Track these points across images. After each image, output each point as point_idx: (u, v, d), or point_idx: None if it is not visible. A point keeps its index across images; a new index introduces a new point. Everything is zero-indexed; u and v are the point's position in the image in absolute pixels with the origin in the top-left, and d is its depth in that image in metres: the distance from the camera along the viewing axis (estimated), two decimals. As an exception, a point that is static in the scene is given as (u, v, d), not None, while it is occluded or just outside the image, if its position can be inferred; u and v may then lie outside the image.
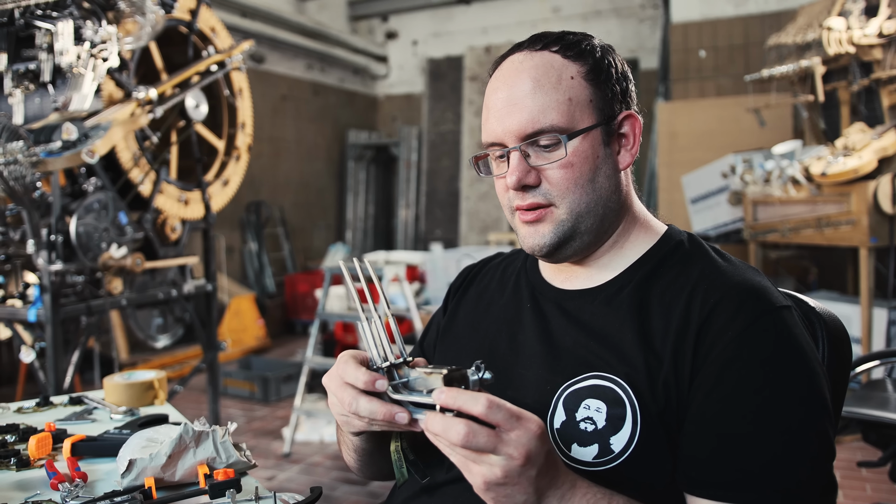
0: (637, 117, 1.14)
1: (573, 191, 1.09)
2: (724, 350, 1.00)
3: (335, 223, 10.22)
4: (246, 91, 4.28)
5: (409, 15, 10.52)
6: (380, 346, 0.96)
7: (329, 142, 9.99)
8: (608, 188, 1.12)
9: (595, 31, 9.44)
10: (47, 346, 3.01)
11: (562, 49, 1.10)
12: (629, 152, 1.14)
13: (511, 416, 0.85)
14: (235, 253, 8.36)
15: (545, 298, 1.20)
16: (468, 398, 0.85)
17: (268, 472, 4.10)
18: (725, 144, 5.89)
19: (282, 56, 9.01)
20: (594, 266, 1.17)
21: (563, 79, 1.08)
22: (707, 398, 0.99)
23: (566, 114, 1.07)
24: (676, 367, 1.02)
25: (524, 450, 0.85)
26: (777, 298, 1.04)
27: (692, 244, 1.16)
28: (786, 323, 1.01)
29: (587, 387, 1.06)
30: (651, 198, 7.13)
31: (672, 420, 1.01)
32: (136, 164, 3.43)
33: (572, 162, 1.08)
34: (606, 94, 1.11)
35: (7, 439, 1.44)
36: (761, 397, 0.97)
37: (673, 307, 1.06)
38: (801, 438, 0.96)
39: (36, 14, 3.07)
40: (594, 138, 1.09)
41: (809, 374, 0.99)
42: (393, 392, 0.94)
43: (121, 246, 3.16)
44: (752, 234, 4.99)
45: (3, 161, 2.75)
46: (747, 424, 0.97)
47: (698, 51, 6.96)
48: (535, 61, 1.10)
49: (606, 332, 1.09)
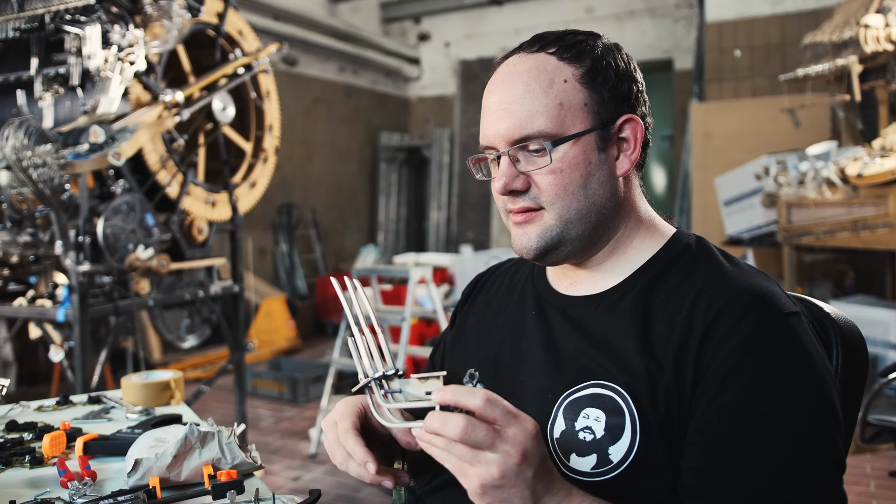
0: (638, 121, 1.10)
1: (562, 197, 1.06)
2: (727, 358, 0.96)
3: (367, 225, 10.26)
4: (273, 93, 4.30)
5: (441, 17, 10.52)
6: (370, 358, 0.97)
7: (361, 144, 10.03)
8: (602, 195, 1.08)
9: (629, 31, 9.41)
10: (75, 345, 3.06)
11: (559, 50, 1.08)
12: (628, 158, 1.10)
13: (507, 414, 0.85)
14: (267, 254, 8.42)
15: (550, 305, 1.18)
16: (466, 392, 0.84)
17: (294, 472, 4.12)
18: (760, 145, 5.79)
19: (314, 59, 9.06)
20: (597, 271, 1.15)
21: (556, 82, 1.06)
22: (710, 408, 0.96)
23: (555, 119, 1.05)
24: (678, 376, 0.99)
25: (521, 447, 0.84)
26: (785, 304, 1.00)
27: (700, 248, 1.12)
28: (793, 329, 0.98)
29: (587, 395, 1.03)
30: (684, 199, 7.05)
31: (673, 430, 0.98)
32: (164, 167, 3.47)
33: (561, 168, 1.05)
34: (604, 96, 1.07)
35: (24, 437, 1.46)
36: (766, 407, 0.94)
37: (676, 313, 1.03)
38: (808, 450, 0.92)
39: (65, 19, 3.12)
40: (586, 144, 1.06)
41: (818, 383, 0.95)
42: (386, 402, 0.93)
43: (147, 247, 3.20)
44: (786, 237, 4.89)
45: (32, 164, 2.80)
46: (751, 435, 0.93)
47: (733, 50, 6.86)
48: (528, 64, 1.08)
49: (608, 339, 1.06)
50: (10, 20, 3.25)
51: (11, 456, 1.35)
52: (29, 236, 3.10)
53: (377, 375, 0.95)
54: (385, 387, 0.95)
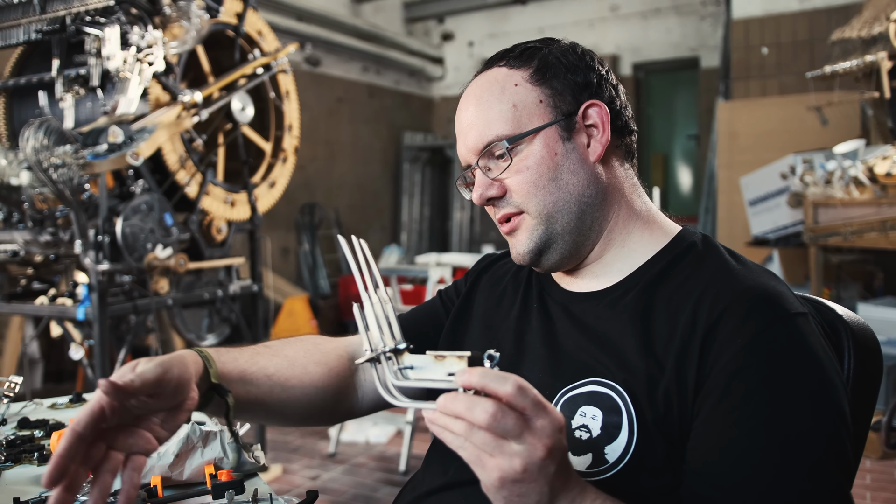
0: (602, 105, 1.11)
1: (535, 194, 1.08)
2: (731, 359, 0.94)
3: (390, 225, 10.28)
4: (293, 93, 4.31)
5: (464, 16, 10.51)
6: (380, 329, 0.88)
7: (384, 144, 10.04)
8: (577, 183, 1.09)
9: (654, 29, 9.35)
10: (95, 343, 3.08)
11: (508, 61, 1.12)
12: (599, 142, 1.11)
13: (538, 404, 0.79)
14: (290, 254, 8.46)
15: (552, 299, 1.17)
16: (495, 377, 0.77)
17: (312, 471, 4.13)
18: (788, 144, 5.72)
19: (337, 59, 9.09)
20: (597, 267, 1.14)
21: (507, 88, 1.10)
22: (713, 410, 0.94)
23: (511, 121, 1.08)
24: (679, 376, 0.96)
25: (549, 440, 0.78)
26: (791, 305, 0.98)
27: (706, 246, 1.10)
28: (800, 331, 0.95)
29: (584, 393, 1.02)
30: (710, 199, 6.98)
31: (673, 430, 0.96)
32: (183, 167, 3.49)
33: (527, 165, 1.08)
34: (558, 88, 1.10)
35: (35, 434, 1.47)
36: (770, 410, 0.91)
37: (679, 312, 1.00)
38: (812, 454, 0.89)
39: (85, 20, 3.15)
40: (548, 136, 1.08)
41: (825, 386, 0.93)
42: (397, 378, 0.86)
43: (166, 246, 3.22)
44: (813, 238, 4.82)
45: (52, 164, 2.83)
46: (755, 439, 0.91)
47: (760, 48, 6.77)
48: (482, 80, 1.13)
49: (608, 336, 1.05)
50: (32, 22, 3.30)
51: (20, 453, 1.36)
52: (50, 236, 3.14)
53: (387, 349, 0.87)
54: (396, 362, 0.87)
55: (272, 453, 4.34)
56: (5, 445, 1.37)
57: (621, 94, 1.15)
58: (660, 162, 10.24)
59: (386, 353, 0.87)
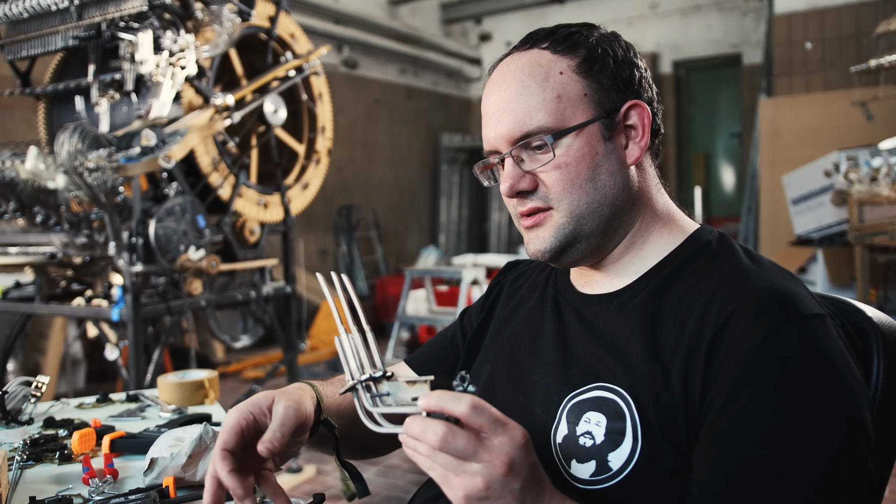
0: (644, 106, 1.05)
1: (570, 192, 1.02)
2: (737, 364, 0.89)
3: (428, 226, 10.28)
4: (326, 95, 4.33)
5: (502, 16, 10.48)
6: (357, 360, 0.93)
7: (422, 145, 10.06)
8: (613, 185, 1.04)
9: (695, 26, 9.22)
10: (129, 344, 3.13)
11: (552, 44, 1.05)
12: (637, 145, 1.05)
13: (495, 422, 0.79)
14: (329, 256, 8.51)
15: (566, 302, 1.13)
16: (451, 398, 0.79)
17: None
18: (833, 141, 5.57)
19: (375, 61, 9.13)
20: (612, 269, 1.10)
21: (552, 75, 1.02)
22: (719, 418, 0.89)
23: (555, 112, 1.01)
24: (686, 381, 0.92)
25: (507, 458, 0.78)
26: (807, 306, 0.92)
27: (721, 245, 1.05)
28: (815, 333, 0.89)
29: (590, 399, 0.98)
30: (752, 198, 6.86)
31: (680, 438, 0.92)
32: (216, 169, 3.53)
33: (566, 162, 1.02)
34: (604, 84, 1.03)
35: (59, 433, 1.48)
36: (778, 418, 0.86)
37: (688, 314, 0.96)
38: (822, 465, 0.84)
39: (120, 26, 3.20)
40: (591, 134, 1.02)
41: (840, 393, 0.87)
42: (372, 405, 0.89)
43: (199, 248, 3.25)
44: (858, 237, 4.70)
45: (86, 168, 2.88)
46: (762, 447, 0.86)
47: (804, 43, 6.62)
48: (522, 62, 1.05)
49: (616, 339, 1.01)
50: (69, 28, 3.36)
51: (42, 452, 1.37)
52: (85, 238, 3.19)
53: (364, 378, 0.90)
54: (373, 389, 0.90)
55: (306, 454, 4.36)
56: (28, 444, 1.38)
57: (655, 93, 1.10)
58: (701, 161, 10.10)
59: (363, 382, 0.90)
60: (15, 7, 3.44)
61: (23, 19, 3.51)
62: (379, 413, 0.88)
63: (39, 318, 4.76)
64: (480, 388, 1.14)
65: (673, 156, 9.63)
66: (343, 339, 0.94)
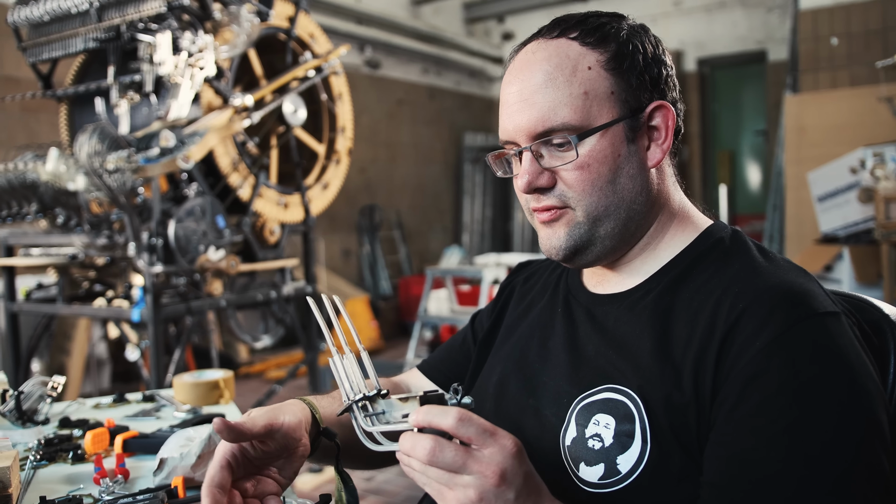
0: (669, 107, 1.01)
1: (590, 193, 0.99)
2: (749, 363, 0.86)
3: (452, 226, 10.27)
4: (346, 95, 4.33)
5: (525, 15, 10.44)
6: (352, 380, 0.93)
7: (445, 145, 10.05)
8: (632, 189, 1.00)
9: (719, 23, 9.13)
10: (150, 344, 3.14)
11: (581, 35, 1.00)
12: (660, 147, 1.02)
13: (483, 433, 0.78)
14: (352, 256, 8.53)
15: (577, 303, 1.11)
16: (438, 412, 0.79)
17: (366, 473, 4.13)
18: (859, 138, 5.47)
19: (397, 61, 9.13)
20: (626, 269, 1.07)
21: (580, 70, 0.98)
22: (729, 419, 0.87)
23: (580, 110, 0.97)
24: (697, 381, 0.90)
25: (498, 468, 0.78)
26: (820, 304, 0.89)
27: (734, 242, 1.02)
28: (828, 331, 0.87)
29: (599, 400, 0.96)
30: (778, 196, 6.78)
31: (690, 440, 0.89)
32: (236, 169, 3.53)
33: (588, 162, 0.97)
34: (632, 83, 0.99)
35: (73, 433, 1.48)
36: (790, 418, 0.83)
37: (699, 313, 0.93)
38: (837, 467, 0.81)
39: (139, 28, 3.22)
40: (615, 135, 0.98)
41: (855, 392, 0.84)
42: (368, 424, 0.90)
43: (218, 249, 3.26)
44: (885, 234, 4.62)
45: (105, 169, 2.89)
46: (772, 451, 0.83)
47: (830, 38, 6.52)
48: (549, 51, 1.00)
49: (626, 340, 0.98)
50: (90, 31, 3.39)
51: (56, 452, 1.37)
52: (106, 239, 3.21)
53: (358, 398, 0.90)
54: (369, 409, 0.90)
55: (328, 454, 4.36)
56: (43, 444, 1.38)
57: (678, 91, 1.06)
58: (726, 159, 10.01)
59: (357, 402, 0.90)
60: (36, 10, 3.47)
61: (44, 22, 3.54)
62: (377, 431, 0.88)
63: (64, 319, 4.81)
64: (492, 393, 1.14)
65: (698, 154, 9.54)
66: (336, 361, 0.94)
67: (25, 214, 3.53)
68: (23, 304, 3.70)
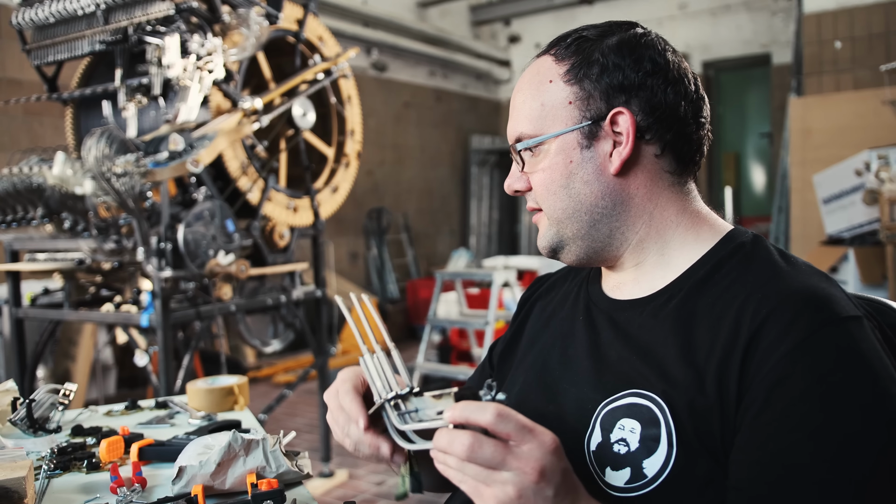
0: (628, 113, 1.01)
1: (546, 197, 1.07)
2: (774, 368, 0.87)
3: (459, 229, 10.25)
4: (355, 98, 4.31)
5: (531, 18, 10.43)
6: (383, 378, 0.93)
7: (452, 147, 10.03)
8: (589, 194, 1.04)
9: (724, 26, 9.13)
10: (159, 350, 3.12)
11: (557, 50, 1.07)
12: (619, 155, 1.03)
13: (522, 429, 0.79)
14: (360, 259, 8.51)
15: (598, 309, 1.12)
16: (476, 408, 0.79)
17: (378, 476, 4.10)
18: (864, 140, 5.50)
19: (404, 64, 9.12)
20: (637, 273, 1.08)
21: (543, 84, 1.06)
22: (754, 423, 0.88)
23: (535, 120, 1.05)
24: (721, 386, 0.90)
25: (537, 464, 0.78)
26: (843, 308, 0.90)
27: (754, 247, 1.03)
28: (851, 336, 0.88)
29: (624, 405, 0.97)
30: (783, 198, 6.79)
31: (715, 444, 0.90)
32: (245, 173, 3.51)
33: (543, 168, 1.06)
34: (588, 90, 1.03)
35: (87, 441, 1.46)
36: (815, 424, 0.84)
37: (723, 318, 0.94)
38: (862, 471, 0.82)
39: (146, 30, 3.19)
40: (565, 143, 1.04)
41: (879, 397, 0.85)
42: (401, 423, 0.89)
43: (228, 253, 3.23)
44: (890, 236, 4.61)
45: (113, 173, 2.87)
46: (797, 455, 0.84)
47: (834, 42, 6.54)
48: (533, 68, 1.09)
49: (650, 346, 1.00)
50: (96, 33, 3.36)
51: (70, 460, 1.35)
52: (114, 243, 3.18)
53: (390, 396, 0.90)
54: (401, 407, 0.91)
55: (338, 458, 4.33)
56: (56, 453, 1.36)
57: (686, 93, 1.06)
58: (731, 161, 10.02)
59: (389, 400, 0.91)
60: (41, 12, 3.44)
61: (49, 24, 3.51)
62: (410, 430, 0.88)
63: (69, 325, 4.79)
64: (513, 400, 1.14)
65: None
66: (367, 360, 0.95)
67: (31, 219, 3.51)
68: (28, 310, 3.67)
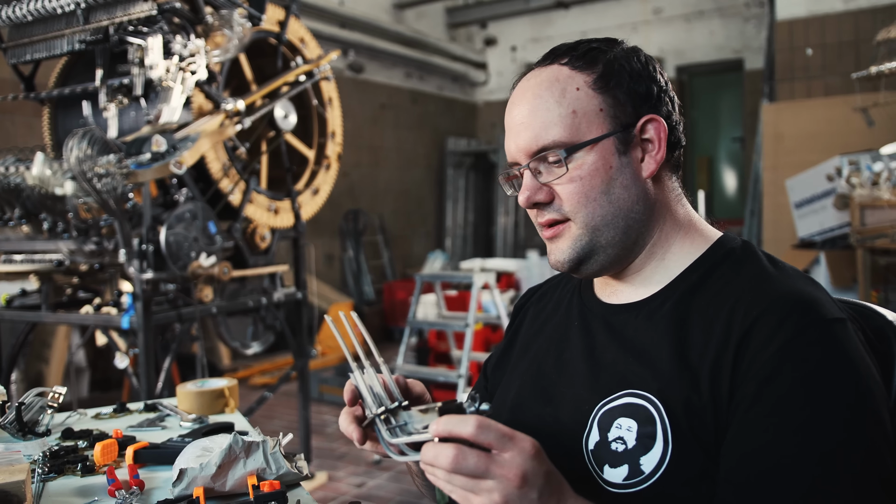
0: (660, 120, 1.08)
1: (585, 205, 1.06)
2: (763, 366, 0.93)
3: (434, 231, 10.27)
4: (336, 100, 4.31)
5: (507, 21, 10.48)
6: (373, 394, 0.97)
7: (428, 149, 10.05)
8: (628, 199, 1.07)
9: (698, 31, 9.25)
10: (140, 352, 3.09)
11: (570, 60, 1.08)
12: (653, 158, 1.08)
13: (502, 437, 0.83)
14: (335, 261, 8.49)
15: (592, 314, 1.16)
16: (458, 421, 0.83)
17: (358, 478, 4.10)
18: (834, 146, 5.62)
19: (380, 65, 9.12)
20: (636, 278, 1.13)
21: (568, 91, 1.06)
22: (744, 417, 0.93)
23: (569, 127, 1.05)
24: (714, 385, 0.96)
25: (519, 470, 0.82)
26: (828, 311, 0.96)
27: (744, 252, 1.09)
28: (835, 337, 0.93)
29: (620, 405, 1.02)
30: (755, 202, 6.90)
31: (709, 440, 0.95)
32: (226, 175, 3.49)
33: (580, 176, 1.06)
34: (620, 99, 1.06)
35: (79, 445, 1.46)
36: (802, 417, 0.90)
37: (715, 320, 1.00)
38: (845, 466, 0.87)
39: (128, 30, 3.16)
40: (604, 148, 1.06)
41: (861, 395, 0.90)
42: (390, 437, 0.93)
43: (210, 255, 3.22)
44: (860, 240, 4.72)
45: (95, 174, 2.84)
46: (784, 448, 0.89)
47: (805, 49, 6.66)
48: (542, 77, 1.09)
49: (645, 347, 1.05)
50: (76, 32, 3.32)
51: (64, 464, 1.35)
52: (94, 245, 3.16)
53: (380, 411, 0.95)
54: (391, 421, 0.95)
55: (318, 461, 4.33)
56: (49, 456, 1.36)
57: (676, 106, 1.13)
58: (704, 165, 10.14)
59: (379, 415, 0.95)
60: (19, 10, 3.39)
61: (27, 22, 3.46)
62: (401, 443, 0.92)
63: (43, 327, 4.72)
64: (509, 404, 1.20)
65: (678, 160, 9.67)
66: (357, 376, 0.99)
67: (8, 220, 3.46)
68: (4, 312, 3.62)
